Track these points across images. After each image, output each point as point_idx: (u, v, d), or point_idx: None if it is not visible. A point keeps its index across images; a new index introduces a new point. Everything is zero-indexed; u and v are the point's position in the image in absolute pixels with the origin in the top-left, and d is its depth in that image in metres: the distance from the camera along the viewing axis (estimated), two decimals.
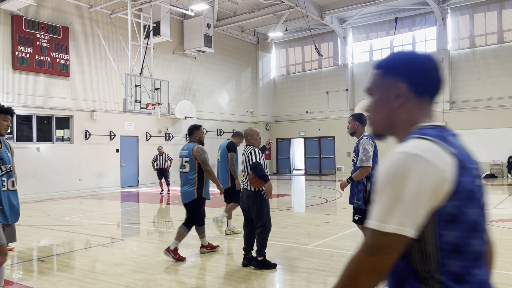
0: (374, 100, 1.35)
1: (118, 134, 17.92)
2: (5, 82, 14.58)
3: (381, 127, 1.33)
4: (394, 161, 1.11)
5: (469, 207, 1.13)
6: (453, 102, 21.16)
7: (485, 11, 20.44)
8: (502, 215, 8.84)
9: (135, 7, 16.92)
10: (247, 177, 5.27)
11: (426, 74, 1.26)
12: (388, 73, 1.31)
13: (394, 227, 1.07)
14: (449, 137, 1.20)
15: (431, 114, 1.28)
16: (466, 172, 1.15)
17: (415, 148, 1.12)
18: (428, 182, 1.08)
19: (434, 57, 1.30)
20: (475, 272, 1.13)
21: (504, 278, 4.72)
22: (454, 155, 1.14)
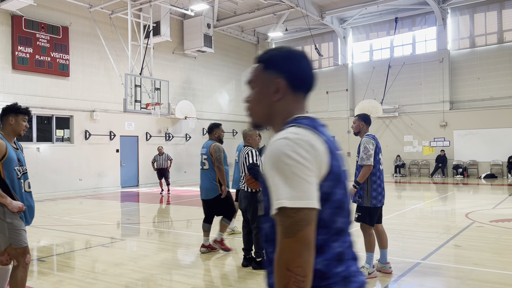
0: (254, 92, 1.43)
1: (118, 134, 17.92)
2: (5, 82, 14.57)
3: (260, 118, 1.43)
4: (280, 146, 1.21)
5: (337, 188, 1.27)
6: (453, 102, 21.16)
7: (485, 11, 20.44)
8: (502, 215, 8.84)
9: (135, 7, 16.92)
10: (244, 178, 5.26)
11: (303, 71, 1.39)
12: (268, 68, 1.40)
13: (303, 202, 1.16)
14: (319, 127, 1.33)
15: (304, 107, 1.41)
16: (334, 157, 1.28)
17: (295, 134, 1.24)
18: (312, 161, 1.20)
19: (308, 55, 1.42)
20: (333, 245, 1.25)
21: (504, 278, 4.71)
22: (325, 141, 1.27)
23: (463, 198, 12.74)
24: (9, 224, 3.56)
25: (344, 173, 1.34)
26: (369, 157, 4.71)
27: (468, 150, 20.45)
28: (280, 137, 1.24)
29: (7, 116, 3.69)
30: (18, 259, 3.57)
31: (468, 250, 5.96)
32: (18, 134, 3.74)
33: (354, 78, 23.93)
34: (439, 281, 4.69)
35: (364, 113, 5.08)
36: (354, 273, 1.29)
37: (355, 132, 5.03)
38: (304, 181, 1.17)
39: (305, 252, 1.15)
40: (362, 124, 4.95)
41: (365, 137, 4.85)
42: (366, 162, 4.70)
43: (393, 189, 15.77)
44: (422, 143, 21.54)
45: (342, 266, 1.26)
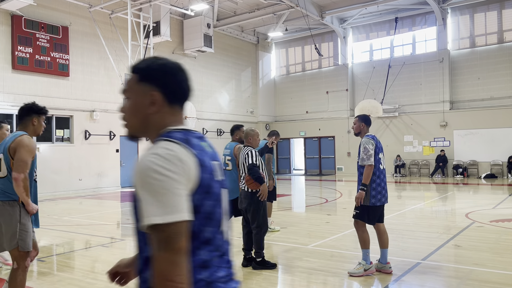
0: (130, 103, 1.42)
1: (118, 134, 17.92)
2: (5, 82, 14.58)
3: (136, 129, 1.43)
4: (149, 162, 1.23)
5: (207, 200, 1.30)
6: (453, 102, 21.16)
7: (485, 11, 20.44)
8: (502, 215, 8.84)
9: (135, 7, 16.92)
10: (244, 178, 5.27)
11: (179, 84, 1.41)
12: (143, 79, 1.39)
13: (174, 216, 1.19)
14: (193, 140, 1.35)
15: (181, 119, 1.43)
16: (205, 170, 1.30)
17: (165, 149, 1.26)
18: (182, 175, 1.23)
19: (184, 67, 1.44)
20: (199, 253, 1.29)
21: (504, 278, 4.71)
22: (195, 155, 1.29)
23: (463, 198, 12.74)
24: (22, 225, 3.54)
25: (218, 184, 1.37)
26: (369, 157, 4.79)
27: (468, 150, 20.45)
28: (150, 153, 1.26)
29: (31, 117, 3.68)
30: (19, 261, 3.53)
31: (468, 250, 5.96)
32: (38, 134, 3.77)
33: (354, 78, 23.93)
34: (439, 281, 4.69)
35: (364, 114, 5.17)
36: (220, 279, 1.33)
37: (356, 133, 5.10)
38: (174, 195, 1.20)
39: (182, 262, 1.20)
40: (363, 125, 5.02)
41: (365, 138, 4.92)
42: (366, 162, 4.78)
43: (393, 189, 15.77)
44: (422, 143, 21.54)
45: (206, 272, 1.30)
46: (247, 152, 5.25)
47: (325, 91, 24.66)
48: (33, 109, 3.70)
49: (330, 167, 24.39)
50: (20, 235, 3.51)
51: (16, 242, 3.49)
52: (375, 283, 4.69)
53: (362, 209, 4.86)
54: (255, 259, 5.21)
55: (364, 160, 4.79)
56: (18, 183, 3.42)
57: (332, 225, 8.15)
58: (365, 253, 4.90)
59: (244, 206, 5.29)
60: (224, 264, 1.39)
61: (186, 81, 1.43)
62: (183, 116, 1.44)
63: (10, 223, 3.51)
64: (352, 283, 4.74)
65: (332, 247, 6.27)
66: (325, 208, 10.68)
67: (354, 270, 4.87)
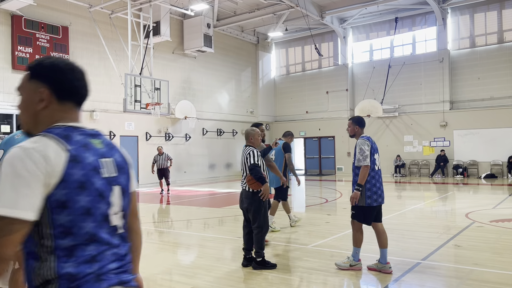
0: (22, 100, 1.48)
1: (118, 134, 17.92)
2: (5, 82, 14.58)
3: (29, 125, 1.48)
4: (12, 154, 1.28)
5: (81, 195, 1.32)
6: (453, 102, 21.16)
7: (485, 11, 20.44)
8: (502, 215, 8.84)
9: (135, 7, 16.92)
10: (245, 177, 5.27)
11: (68, 82, 1.46)
12: (34, 77, 1.45)
13: (6, 210, 1.21)
14: (76, 136, 1.40)
15: (73, 116, 1.48)
16: (79, 165, 1.33)
17: (32, 143, 1.30)
18: (38, 172, 1.25)
19: (78, 66, 1.51)
20: (86, 249, 1.33)
21: (504, 278, 4.71)
22: (67, 151, 1.33)
23: (463, 198, 12.74)
24: None
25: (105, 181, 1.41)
26: (365, 158, 4.87)
27: (468, 150, 20.45)
28: (17, 146, 1.30)
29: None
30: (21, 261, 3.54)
31: (468, 250, 5.96)
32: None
33: (354, 78, 23.93)
34: (439, 281, 4.69)
35: (358, 116, 5.28)
36: (112, 271, 1.37)
37: (351, 135, 5.23)
38: (16, 192, 1.23)
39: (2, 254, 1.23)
40: (357, 127, 5.13)
41: (360, 139, 5.02)
42: (363, 163, 4.86)
43: (393, 189, 15.77)
44: (422, 143, 21.53)
45: (94, 266, 1.34)
46: (249, 152, 5.24)
47: (325, 91, 24.66)
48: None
49: (330, 167, 24.39)
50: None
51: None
52: (375, 283, 4.69)
53: (358, 209, 4.94)
54: (255, 259, 5.21)
55: (360, 161, 4.87)
56: None
57: (332, 225, 8.15)
58: (354, 251, 5.05)
59: (245, 206, 5.29)
60: (117, 257, 1.42)
61: (77, 79, 1.49)
62: (78, 113, 1.51)
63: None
64: (352, 283, 4.74)
65: (332, 247, 6.27)
66: (325, 208, 10.68)
67: (340, 263, 5.10)
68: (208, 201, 13.20)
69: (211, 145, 22.68)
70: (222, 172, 23.23)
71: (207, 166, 22.34)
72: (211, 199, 13.73)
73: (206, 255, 6.00)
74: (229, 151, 23.82)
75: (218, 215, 10.04)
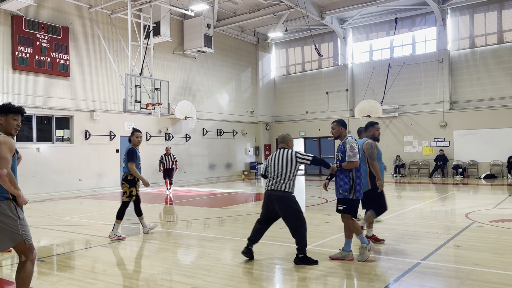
0: None
1: (118, 134, 17.92)
2: (5, 82, 14.58)
3: None
4: None
5: None
6: (453, 102, 21.17)
7: (485, 11, 20.45)
8: (502, 215, 8.85)
9: (135, 7, 16.92)
10: (282, 178, 5.41)
11: None
12: None
13: None
14: None
15: None
16: None
17: None
18: None
19: None
20: None
21: (504, 278, 4.72)
22: None
23: (463, 198, 12.74)
24: (21, 220, 3.64)
25: None
26: (355, 155, 5.36)
27: (468, 150, 20.45)
28: None
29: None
30: (27, 254, 3.65)
31: (468, 250, 5.97)
32: (9, 134, 3.74)
33: (354, 78, 23.94)
34: (439, 281, 4.69)
35: (341, 119, 5.83)
36: None
37: (336, 136, 5.72)
38: None
39: None
40: (342, 128, 5.66)
41: (349, 138, 5.48)
42: (353, 159, 5.35)
43: (393, 189, 15.77)
44: (422, 143, 21.54)
45: None
46: (293, 151, 5.50)
47: (325, 92, 24.67)
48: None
49: None
50: (22, 229, 3.62)
51: (21, 237, 3.60)
52: (375, 283, 4.69)
53: (349, 203, 5.42)
54: (298, 255, 5.36)
55: (351, 157, 5.34)
56: (3, 178, 3.44)
57: (332, 225, 8.15)
58: (347, 242, 5.52)
59: (278, 207, 5.39)
60: None
61: None
62: None
63: (11, 221, 3.58)
64: (352, 283, 4.75)
65: (332, 247, 6.27)
66: (325, 208, 10.68)
67: (333, 255, 5.55)
68: (208, 201, 13.21)
69: (211, 145, 22.69)
70: (222, 172, 23.23)
71: (207, 166, 22.34)
72: (211, 199, 13.73)
73: (206, 255, 6.00)
74: (229, 151, 23.82)
75: (218, 215, 10.04)
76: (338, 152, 5.56)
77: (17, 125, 3.80)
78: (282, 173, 5.43)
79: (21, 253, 3.65)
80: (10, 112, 3.74)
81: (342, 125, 5.65)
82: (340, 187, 5.45)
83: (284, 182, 5.42)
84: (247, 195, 14.93)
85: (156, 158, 19.56)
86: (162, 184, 19.02)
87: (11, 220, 3.57)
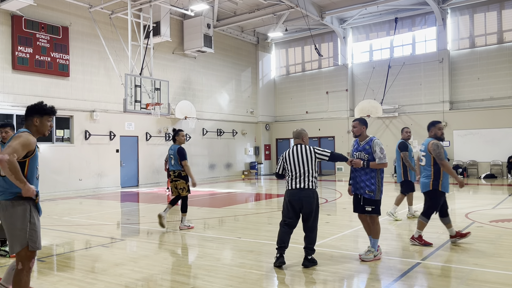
0: None
1: (118, 134, 17.92)
2: (5, 82, 14.58)
3: None
4: None
5: None
6: (453, 102, 21.17)
7: (485, 11, 20.45)
8: (502, 215, 8.85)
9: (135, 7, 16.92)
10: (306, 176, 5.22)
11: None
12: None
13: None
14: None
15: None
16: None
17: None
18: None
19: None
20: None
21: (505, 278, 4.72)
22: None
23: (463, 198, 12.74)
24: (32, 224, 3.50)
25: None
26: (385, 156, 5.42)
27: (468, 150, 20.46)
28: None
29: (33, 117, 3.65)
30: (24, 262, 3.49)
31: (468, 250, 5.97)
32: (43, 134, 3.73)
33: (354, 78, 23.94)
34: (439, 281, 4.69)
35: (363, 118, 5.77)
36: None
37: (357, 135, 5.63)
38: None
39: None
40: (363, 127, 5.59)
41: (376, 139, 5.50)
42: (384, 160, 5.40)
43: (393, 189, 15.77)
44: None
45: None
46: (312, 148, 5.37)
47: (325, 91, 24.66)
48: (35, 109, 3.66)
49: (330, 167, 24.39)
50: (30, 234, 3.49)
51: (26, 242, 3.47)
52: (375, 282, 4.69)
53: (377, 204, 5.46)
54: (307, 256, 5.24)
55: (382, 158, 5.39)
56: (3, 164, 3.24)
57: (332, 225, 8.15)
58: (375, 242, 5.51)
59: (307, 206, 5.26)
60: None
61: None
62: None
63: (21, 223, 3.47)
64: (352, 283, 4.75)
65: (332, 247, 6.27)
66: (325, 208, 10.67)
67: (366, 256, 5.42)
68: (208, 201, 13.20)
69: (211, 145, 22.69)
70: (222, 172, 23.23)
71: (207, 166, 22.34)
72: (211, 199, 13.73)
73: (206, 255, 6.00)
74: (229, 151, 23.82)
75: (218, 215, 10.04)
76: (360, 151, 5.52)
77: (50, 125, 3.77)
78: (305, 171, 5.23)
79: (19, 259, 3.49)
80: (45, 114, 3.69)
81: (364, 124, 5.61)
82: (367, 187, 5.43)
83: (310, 180, 5.24)
84: (247, 195, 14.93)
85: (156, 158, 19.57)
86: (162, 184, 19.02)
87: (21, 223, 3.45)
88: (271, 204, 12.19)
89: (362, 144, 5.53)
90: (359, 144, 5.59)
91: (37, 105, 3.68)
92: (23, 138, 3.46)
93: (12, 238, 3.49)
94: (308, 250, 5.25)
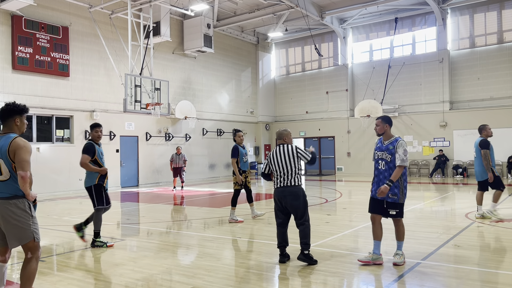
0: None
1: (118, 134, 17.92)
2: (5, 82, 14.58)
3: None
4: None
5: None
6: (453, 102, 21.17)
7: (485, 11, 20.45)
8: (502, 215, 8.85)
9: (135, 7, 16.92)
10: (290, 174, 5.42)
11: None
12: None
13: None
14: None
15: None
16: None
17: None
18: None
19: None
20: None
21: (505, 278, 4.72)
22: None
23: (463, 198, 12.74)
24: (34, 218, 3.81)
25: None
26: (407, 158, 5.22)
27: (468, 150, 20.42)
28: None
29: (13, 117, 3.82)
30: (34, 251, 3.77)
31: (468, 250, 5.97)
32: (22, 133, 3.93)
33: (354, 78, 23.94)
34: (439, 281, 4.69)
35: (387, 116, 5.60)
36: None
37: (380, 133, 5.43)
38: None
39: None
40: (387, 126, 5.39)
41: (401, 140, 5.29)
42: (406, 163, 5.18)
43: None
44: (422, 143, 21.54)
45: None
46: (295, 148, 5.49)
47: (325, 91, 24.66)
48: (15, 110, 3.83)
49: (330, 167, 24.39)
50: (34, 227, 3.77)
51: (31, 235, 3.73)
52: (375, 282, 4.70)
53: (400, 207, 5.28)
54: (303, 250, 5.35)
55: (404, 161, 5.17)
56: (26, 180, 3.63)
57: (332, 225, 8.16)
58: (401, 245, 5.36)
59: (292, 203, 5.41)
60: None
61: None
62: None
63: (24, 219, 3.72)
64: (352, 283, 4.75)
65: (332, 247, 6.27)
66: (325, 208, 10.68)
67: (398, 260, 5.24)
68: (208, 201, 13.20)
69: (211, 145, 22.69)
70: (222, 172, 23.23)
71: (207, 166, 22.34)
72: (211, 199, 13.72)
73: (206, 255, 6.00)
74: (229, 151, 23.77)
75: (218, 215, 10.04)
76: (383, 151, 5.30)
77: (26, 124, 3.99)
78: (289, 170, 5.45)
79: (28, 250, 3.76)
80: (24, 112, 3.90)
81: (388, 123, 5.40)
82: (390, 191, 5.19)
83: (293, 177, 5.45)
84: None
85: (156, 158, 19.57)
86: (162, 184, 19.03)
87: (24, 220, 3.71)
88: (271, 204, 12.16)
89: (386, 144, 5.32)
90: (383, 144, 5.36)
91: (15, 105, 3.85)
92: (25, 146, 3.70)
93: (15, 231, 3.71)
94: (303, 245, 5.39)
